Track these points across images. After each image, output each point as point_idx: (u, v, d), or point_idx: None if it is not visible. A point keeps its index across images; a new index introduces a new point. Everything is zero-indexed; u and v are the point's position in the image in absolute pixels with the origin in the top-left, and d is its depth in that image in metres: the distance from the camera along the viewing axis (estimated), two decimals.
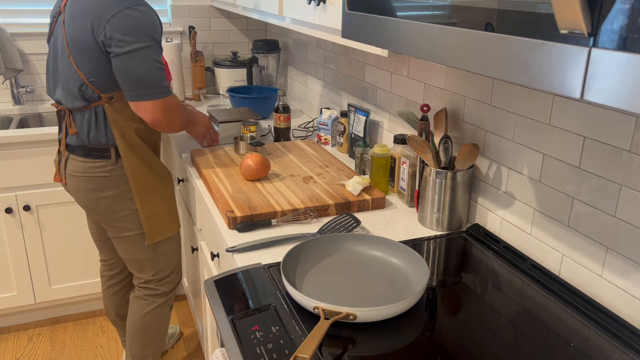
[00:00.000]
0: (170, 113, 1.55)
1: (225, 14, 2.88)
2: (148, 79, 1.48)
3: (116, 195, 1.67)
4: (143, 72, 1.47)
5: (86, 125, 1.61)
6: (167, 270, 1.84)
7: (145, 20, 1.47)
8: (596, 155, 1.04)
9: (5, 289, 2.34)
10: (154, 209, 1.72)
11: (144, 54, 1.46)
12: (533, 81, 0.63)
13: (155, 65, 1.49)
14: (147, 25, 1.47)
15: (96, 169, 1.64)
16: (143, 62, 1.46)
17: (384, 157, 1.58)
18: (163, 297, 1.87)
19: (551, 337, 0.96)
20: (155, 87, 1.50)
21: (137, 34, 1.45)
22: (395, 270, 1.15)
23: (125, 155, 1.63)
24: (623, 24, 0.51)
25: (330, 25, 1.39)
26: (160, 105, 1.52)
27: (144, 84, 1.49)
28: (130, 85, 1.49)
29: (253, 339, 0.94)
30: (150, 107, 1.51)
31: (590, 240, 1.08)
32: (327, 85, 2.26)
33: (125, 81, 1.49)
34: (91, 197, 1.68)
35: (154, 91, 1.50)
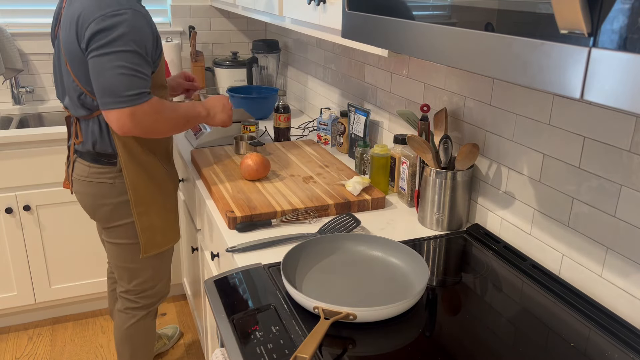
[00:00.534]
0: (143, 120, 1.42)
1: (225, 14, 2.88)
2: (111, 86, 1.37)
3: (117, 203, 1.63)
4: (107, 79, 1.37)
5: (90, 133, 1.57)
6: (149, 282, 1.77)
7: (122, 23, 1.37)
8: (596, 155, 1.04)
9: (5, 289, 2.34)
10: (151, 221, 1.66)
11: (111, 59, 1.36)
12: (533, 81, 0.63)
13: (121, 71, 1.37)
14: (123, 29, 1.37)
15: (100, 175, 1.61)
16: (108, 68, 1.37)
17: (384, 157, 1.58)
18: (144, 310, 1.81)
19: (551, 337, 0.96)
20: (119, 95, 1.38)
21: (109, 38, 1.36)
22: (395, 270, 1.15)
23: (126, 165, 1.58)
24: (623, 24, 0.51)
25: (330, 25, 1.39)
26: (125, 114, 1.39)
27: (107, 91, 1.38)
28: (97, 93, 1.41)
29: (253, 339, 0.95)
30: (114, 116, 1.40)
31: (590, 240, 1.08)
32: (327, 85, 2.26)
33: (95, 88, 1.41)
34: (92, 202, 1.65)
35: (117, 100, 1.38)
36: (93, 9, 1.38)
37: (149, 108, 1.42)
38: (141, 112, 1.41)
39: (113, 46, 1.36)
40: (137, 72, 1.40)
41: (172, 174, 1.73)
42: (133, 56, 1.39)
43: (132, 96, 1.39)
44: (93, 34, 1.36)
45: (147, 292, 1.78)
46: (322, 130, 2.06)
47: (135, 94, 1.39)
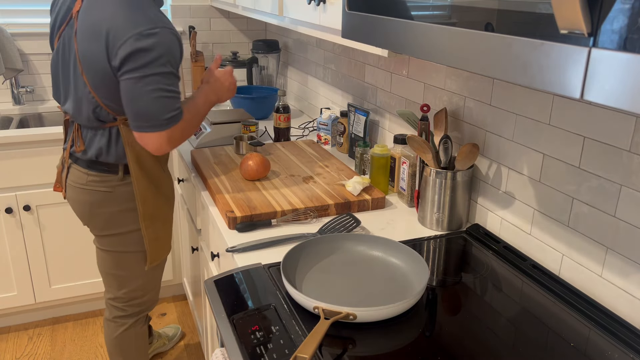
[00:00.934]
0: (175, 141, 1.44)
1: (225, 14, 2.88)
2: (149, 111, 1.37)
3: (115, 212, 1.60)
4: (144, 103, 1.36)
5: (97, 143, 1.53)
6: (139, 291, 1.75)
7: (159, 44, 1.34)
8: (596, 155, 1.04)
9: (5, 289, 2.34)
10: (157, 233, 1.66)
11: (148, 83, 1.34)
12: (533, 81, 0.63)
13: (159, 94, 1.36)
14: (160, 50, 1.34)
15: (99, 183, 1.57)
16: (145, 92, 1.35)
17: (384, 157, 1.58)
18: (132, 317, 1.79)
19: (551, 337, 0.96)
20: (157, 119, 1.37)
21: (144, 61, 1.33)
22: (395, 270, 1.15)
23: (137, 178, 1.56)
24: (623, 24, 0.51)
25: (330, 25, 1.39)
26: (161, 138, 1.40)
27: (145, 116, 1.37)
28: (131, 115, 1.39)
29: (253, 339, 0.94)
30: (150, 140, 1.40)
31: (590, 240, 1.08)
32: (327, 85, 2.26)
33: (128, 110, 1.39)
34: (88, 210, 1.61)
35: (155, 123, 1.38)
36: (125, 25, 1.34)
37: (182, 125, 1.44)
38: (177, 132, 1.43)
39: (150, 69, 1.34)
40: (171, 93, 1.39)
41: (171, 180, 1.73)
42: (168, 77, 1.37)
43: (169, 119, 1.39)
44: (128, 54, 1.33)
45: (136, 300, 1.76)
46: (322, 130, 2.06)
47: (171, 117, 1.39)
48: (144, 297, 1.76)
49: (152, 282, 1.76)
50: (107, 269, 1.70)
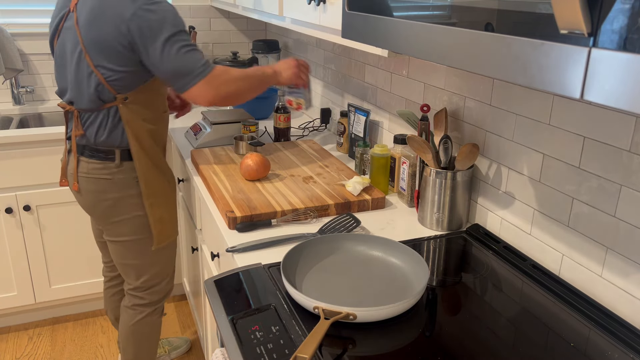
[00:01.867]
0: (221, 87, 1.52)
1: (225, 14, 2.88)
2: (182, 67, 1.47)
3: (117, 199, 1.64)
4: (175, 63, 1.46)
5: (96, 126, 1.58)
6: (156, 278, 1.80)
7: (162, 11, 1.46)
8: (596, 155, 1.04)
9: (5, 289, 2.34)
10: (162, 213, 1.70)
11: (171, 45, 1.45)
12: (533, 81, 0.63)
13: (185, 50, 1.47)
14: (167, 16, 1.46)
15: (99, 170, 1.62)
16: (173, 53, 1.45)
17: (384, 157, 1.58)
18: (151, 306, 1.83)
19: (551, 337, 0.96)
20: (192, 71, 1.48)
21: (158, 29, 1.44)
22: (395, 270, 1.15)
23: (138, 158, 1.61)
24: (623, 24, 0.51)
25: (330, 25, 1.39)
26: (204, 85, 1.49)
27: (180, 73, 1.47)
28: (171, 79, 1.49)
29: (253, 339, 0.94)
30: (197, 92, 1.49)
31: (590, 240, 1.08)
32: (327, 85, 2.26)
33: (165, 77, 1.50)
34: (92, 199, 1.66)
35: (192, 76, 1.48)
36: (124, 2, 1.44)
37: (219, 72, 1.51)
38: (216, 77, 1.49)
39: (166, 33, 1.44)
40: (193, 46, 1.49)
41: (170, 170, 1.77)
42: (184, 34, 1.48)
43: (204, 65, 1.48)
44: (140, 28, 1.43)
45: (154, 287, 1.81)
46: (294, 94, 1.88)
47: (202, 65, 1.48)
48: (162, 283, 1.82)
49: (167, 268, 1.82)
50: (121, 260, 1.74)
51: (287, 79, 1.70)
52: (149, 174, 1.64)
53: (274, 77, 1.67)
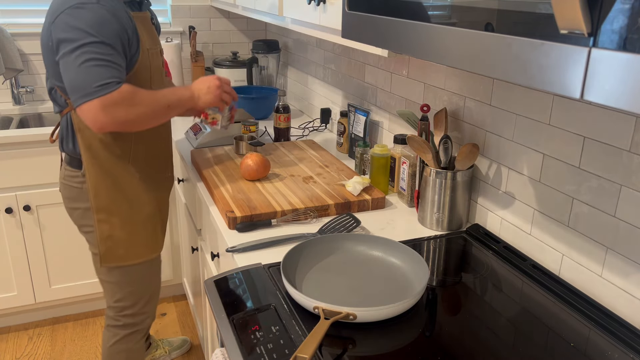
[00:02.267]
0: (116, 112, 1.31)
1: (225, 14, 2.88)
2: (79, 80, 1.29)
3: (85, 209, 1.55)
4: (74, 75, 1.30)
5: (62, 133, 1.52)
6: (130, 300, 1.65)
7: (85, 17, 1.31)
8: (596, 155, 1.04)
9: (5, 289, 2.34)
10: (112, 231, 1.54)
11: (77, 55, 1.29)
12: (533, 81, 0.63)
13: (88, 64, 1.29)
14: (86, 22, 1.30)
15: (71, 178, 1.55)
16: (75, 64, 1.30)
17: (384, 157, 1.58)
18: (125, 329, 1.69)
19: (551, 337, 0.96)
20: (87, 87, 1.29)
21: (71, 34, 1.30)
22: (395, 270, 1.15)
23: (88, 168, 1.49)
24: (623, 24, 0.51)
25: (330, 25, 1.39)
26: (96, 107, 1.29)
27: (76, 87, 1.30)
28: (68, 91, 1.33)
29: (253, 339, 0.94)
30: (85, 110, 1.30)
31: (590, 240, 1.08)
32: (327, 85, 2.26)
33: (67, 87, 1.33)
34: (67, 206, 1.60)
35: (84, 93, 1.29)
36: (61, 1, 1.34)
37: (119, 96, 1.31)
38: (111, 102, 1.30)
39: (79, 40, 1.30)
40: (103, 62, 1.31)
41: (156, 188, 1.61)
42: (100, 46, 1.31)
43: (100, 87, 1.29)
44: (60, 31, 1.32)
45: (126, 310, 1.67)
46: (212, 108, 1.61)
47: (102, 85, 1.29)
48: (136, 306, 1.67)
49: (142, 290, 1.67)
50: (96, 274, 1.66)
51: (206, 103, 1.52)
52: (100, 187, 1.50)
53: (191, 101, 1.49)
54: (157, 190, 1.62)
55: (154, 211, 1.61)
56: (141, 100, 1.36)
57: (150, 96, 1.38)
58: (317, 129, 2.28)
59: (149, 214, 1.59)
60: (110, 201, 1.53)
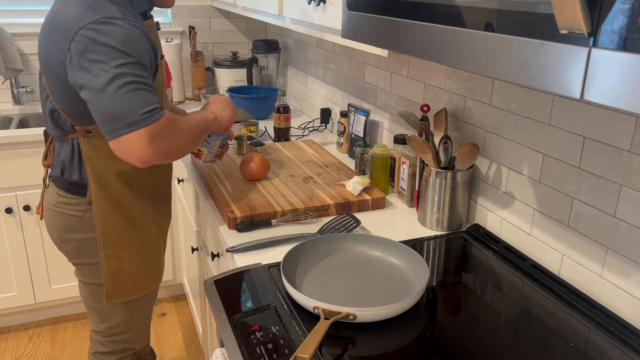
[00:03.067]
0: (163, 143, 1.18)
1: (225, 14, 2.88)
2: (121, 108, 1.13)
3: (84, 240, 1.40)
4: (112, 101, 1.13)
5: (62, 157, 1.36)
6: (122, 327, 1.54)
7: (115, 33, 1.15)
8: (596, 155, 1.04)
9: (5, 289, 2.34)
10: (121, 266, 1.42)
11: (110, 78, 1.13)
12: (533, 81, 0.63)
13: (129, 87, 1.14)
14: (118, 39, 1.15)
15: (68, 205, 1.38)
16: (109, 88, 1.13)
17: (384, 157, 1.58)
18: (114, 355, 1.58)
19: (551, 337, 0.96)
20: (127, 116, 1.13)
21: (101, 54, 1.13)
22: (395, 270, 1.15)
23: (97, 201, 1.34)
24: (623, 24, 0.51)
25: (330, 25, 1.39)
26: (142, 138, 1.14)
27: (112, 117, 1.13)
28: (101, 122, 1.16)
29: (253, 339, 0.94)
30: (131, 142, 1.14)
31: (590, 240, 1.08)
32: (327, 85, 2.26)
33: (97, 118, 1.17)
34: (57, 236, 1.43)
35: (130, 121, 1.13)
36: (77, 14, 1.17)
37: (166, 124, 1.18)
38: (159, 132, 1.16)
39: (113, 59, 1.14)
40: (145, 86, 1.17)
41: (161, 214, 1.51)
42: (137, 67, 1.17)
43: (147, 113, 1.14)
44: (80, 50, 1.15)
45: (117, 336, 1.56)
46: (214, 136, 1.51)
47: (149, 111, 1.15)
48: (127, 334, 1.56)
49: (136, 319, 1.56)
50: (85, 301, 1.53)
51: (226, 119, 1.45)
52: (110, 221, 1.37)
53: (215, 122, 1.40)
54: (162, 215, 1.52)
55: (159, 240, 1.52)
56: (181, 127, 1.24)
57: (186, 123, 1.27)
58: (317, 129, 2.28)
59: (155, 244, 1.50)
60: (120, 235, 1.40)
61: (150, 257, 1.49)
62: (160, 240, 1.52)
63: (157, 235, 1.50)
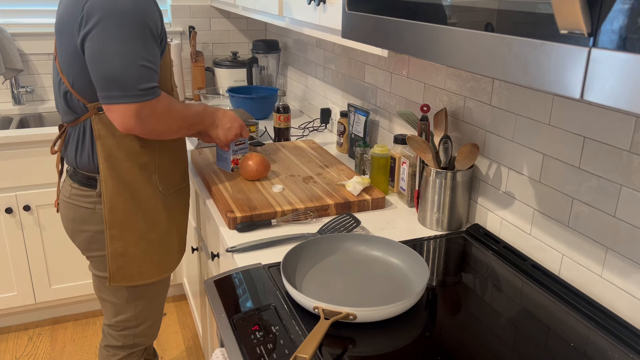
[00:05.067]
0: (150, 121, 1.25)
1: (225, 14, 2.88)
2: (124, 76, 1.18)
3: (96, 231, 1.42)
4: (116, 66, 1.18)
5: (74, 145, 1.38)
6: (134, 320, 1.55)
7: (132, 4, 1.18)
8: (596, 155, 1.04)
9: (5, 289, 2.34)
10: (126, 248, 1.42)
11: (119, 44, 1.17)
12: (533, 81, 0.63)
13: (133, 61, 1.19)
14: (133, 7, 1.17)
15: (80, 197, 1.41)
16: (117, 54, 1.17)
17: (384, 157, 1.58)
18: (124, 350, 1.60)
19: (551, 337, 0.96)
20: (129, 88, 1.20)
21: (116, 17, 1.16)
22: (395, 270, 1.15)
23: (105, 179, 1.35)
24: (623, 24, 0.51)
25: (330, 25, 1.39)
26: (132, 111, 1.21)
27: (117, 82, 1.19)
28: (99, 83, 1.21)
29: (253, 339, 0.95)
30: (119, 110, 1.21)
31: (590, 240, 1.08)
32: (327, 85, 2.26)
33: (95, 77, 1.21)
34: (70, 228, 1.46)
35: (126, 92, 1.20)
36: None
37: (157, 106, 1.25)
38: (148, 110, 1.24)
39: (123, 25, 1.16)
40: (150, 62, 1.22)
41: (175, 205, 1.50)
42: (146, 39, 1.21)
43: (142, 91, 1.21)
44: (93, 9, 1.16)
45: (129, 330, 1.58)
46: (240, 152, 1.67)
47: (146, 89, 1.21)
48: (138, 328, 1.58)
49: (147, 313, 1.57)
50: (99, 293, 1.55)
51: (219, 137, 1.50)
52: (117, 200, 1.38)
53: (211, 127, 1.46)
54: (175, 205, 1.51)
55: (170, 229, 1.50)
56: (174, 113, 1.31)
57: (182, 111, 1.34)
58: (317, 129, 2.28)
59: (165, 232, 1.49)
60: (126, 216, 1.40)
61: (159, 245, 1.48)
62: (171, 230, 1.50)
63: (167, 224, 1.48)
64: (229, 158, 1.66)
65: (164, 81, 1.38)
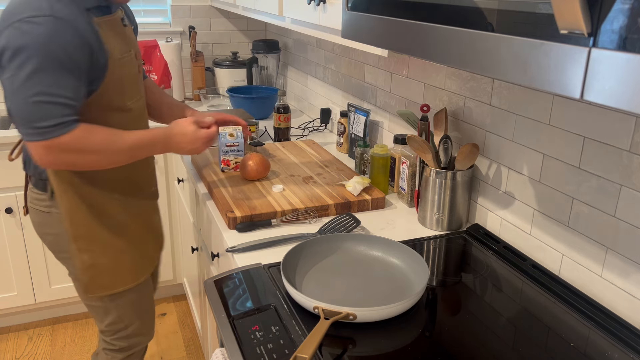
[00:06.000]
0: (61, 155, 1.20)
1: (225, 14, 2.88)
2: (26, 114, 1.15)
3: (57, 234, 1.40)
4: (20, 105, 1.14)
5: (25, 152, 1.38)
6: (121, 322, 1.53)
7: (36, 33, 1.12)
8: (596, 155, 1.04)
9: (5, 289, 2.34)
10: (95, 259, 1.40)
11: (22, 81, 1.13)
12: (533, 81, 0.63)
13: (35, 99, 1.14)
14: (37, 40, 1.12)
15: (37, 201, 1.40)
16: (20, 92, 1.13)
17: (384, 157, 1.58)
18: (121, 352, 1.58)
19: (551, 337, 0.96)
20: (32, 127, 1.15)
21: (18, 56, 1.12)
22: (395, 270, 1.15)
23: (60, 194, 1.33)
24: (623, 24, 0.51)
25: (330, 25, 1.39)
26: (40, 147, 1.18)
27: (22, 120, 1.16)
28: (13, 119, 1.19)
29: (253, 339, 0.95)
30: (31, 147, 1.19)
31: (590, 240, 1.08)
32: (327, 85, 2.26)
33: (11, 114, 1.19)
34: (38, 231, 1.45)
35: (31, 130, 1.16)
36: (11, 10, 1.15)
37: (69, 141, 1.19)
38: (58, 147, 1.19)
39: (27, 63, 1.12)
40: (55, 97, 1.16)
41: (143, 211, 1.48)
42: (52, 74, 1.15)
43: (47, 128, 1.16)
44: (3, 47, 1.13)
45: (119, 333, 1.56)
46: (231, 152, 1.65)
47: (51, 126, 1.16)
48: (127, 329, 1.56)
49: (132, 313, 1.55)
50: (81, 299, 1.53)
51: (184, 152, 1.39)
52: (76, 213, 1.35)
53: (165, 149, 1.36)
54: (141, 211, 1.48)
55: (139, 233, 1.47)
56: (95, 145, 1.23)
57: (112, 143, 1.25)
58: (317, 129, 2.28)
59: (135, 237, 1.46)
60: (89, 228, 1.37)
61: (130, 251, 1.45)
62: (143, 234, 1.48)
63: (138, 229, 1.46)
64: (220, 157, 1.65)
65: (113, 99, 1.31)
